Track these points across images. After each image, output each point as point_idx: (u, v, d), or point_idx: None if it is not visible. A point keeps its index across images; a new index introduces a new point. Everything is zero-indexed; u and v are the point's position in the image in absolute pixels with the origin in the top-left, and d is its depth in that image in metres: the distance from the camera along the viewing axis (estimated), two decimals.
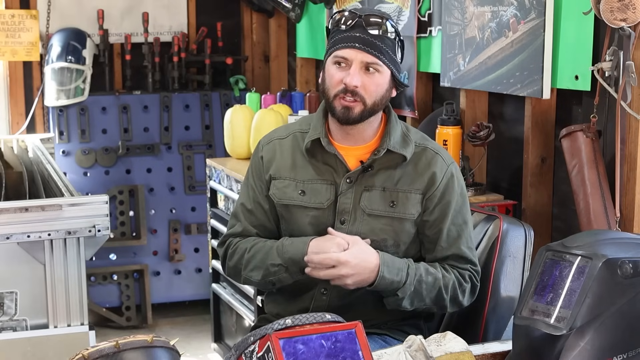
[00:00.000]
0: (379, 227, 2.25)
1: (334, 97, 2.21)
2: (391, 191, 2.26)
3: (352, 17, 2.20)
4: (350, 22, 2.20)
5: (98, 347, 1.48)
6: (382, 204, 2.25)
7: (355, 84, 2.17)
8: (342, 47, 2.19)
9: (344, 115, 2.21)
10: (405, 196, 2.26)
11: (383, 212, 2.25)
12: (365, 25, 2.19)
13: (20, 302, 3.02)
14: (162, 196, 5.03)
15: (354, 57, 2.18)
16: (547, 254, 1.69)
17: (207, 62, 5.05)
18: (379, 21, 2.20)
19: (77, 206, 3.02)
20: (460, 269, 2.29)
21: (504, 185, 3.20)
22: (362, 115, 2.21)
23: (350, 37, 2.19)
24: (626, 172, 2.54)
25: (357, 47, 2.18)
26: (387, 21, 2.21)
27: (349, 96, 2.19)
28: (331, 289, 2.27)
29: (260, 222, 2.35)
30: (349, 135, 2.28)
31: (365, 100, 2.20)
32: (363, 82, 2.19)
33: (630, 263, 1.62)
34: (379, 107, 2.23)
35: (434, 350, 1.66)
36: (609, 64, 2.49)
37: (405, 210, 2.26)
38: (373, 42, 2.18)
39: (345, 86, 2.18)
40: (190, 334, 4.78)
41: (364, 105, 2.20)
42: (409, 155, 2.26)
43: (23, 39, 4.84)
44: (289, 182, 2.31)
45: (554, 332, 1.60)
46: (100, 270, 4.91)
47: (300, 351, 1.52)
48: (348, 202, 2.26)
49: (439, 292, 2.24)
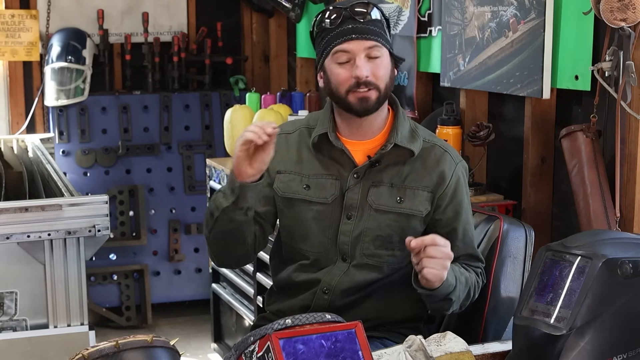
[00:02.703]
0: (386, 222, 2.25)
1: (346, 93, 2.22)
2: (399, 187, 2.26)
3: (337, 13, 2.22)
4: (338, 18, 2.22)
5: (98, 347, 1.48)
6: (389, 199, 2.25)
7: (366, 74, 2.18)
8: (338, 42, 2.20)
9: (363, 107, 2.21)
10: (413, 192, 2.26)
11: (390, 207, 2.25)
12: (353, 15, 2.21)
13: (20, 302, 3.02)
14: (162, 196, 5.03)
15: (356, 48, 2.19)
16: (547, 254, 1.69)
17: (207, 62, 5.05)
18: (364, 10, 2.22)
19: (77, 206, 3.02)
20: (474, 267, 2.30)
21: (504, 185, 3.20)
22: (379, 101, 2.22)
23: (344, 30, 2.21)
24: (626, 172, 2.54)
25: (354, 37, 2.19)
26: (372, 7, 2.24)
27: (363, 87, 2.19)
28: (333, 288, 2.27)
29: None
30: (359, 128, 2.27)
31: (378, 86, 2.21)
32: (372, 70, 2.20)
33: (630, 263, 1.62)
34: (390, 88, 2.25)
35: (434, 350, 1.66)
36: (609, 64, 2.49)
37: (413, 207, 2.25)
38: (366, 27, 2.21)
39: (356, 79, 2.19)
40: (190, 334, 4.78)
41: (379, 91, 2.21)
42: (417, 151, 2.26)
43: (23, 39, 4.84)
44: (293, 176, 2.30)
45: (554, 332, 1.60)
46: (100, 270, 4.91)
47: (300, 351, 1.52)
48: (355, 198, 2.26)
49: (468, 292, 2.23)
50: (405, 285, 2.29)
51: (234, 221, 2.19)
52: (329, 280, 2.26)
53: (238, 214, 2.17)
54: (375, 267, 2.27)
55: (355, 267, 2.27)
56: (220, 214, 2.18)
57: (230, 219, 2.18)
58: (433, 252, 2.02)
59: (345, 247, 2.27)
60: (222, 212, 2.17)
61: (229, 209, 2.16)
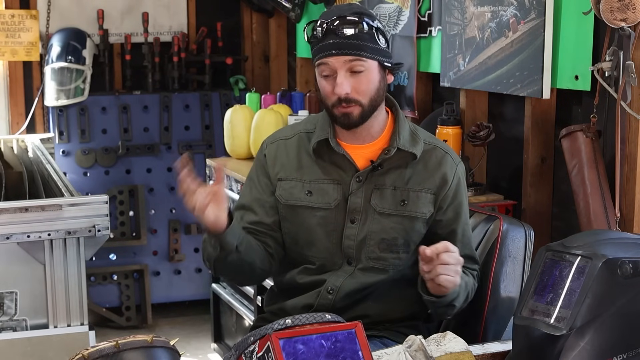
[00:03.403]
0: (390, 225, 2.25)
1: (332, 107, 2.22)
2: (402, 190, 2.25)
3: (321, 26, 2.20)
4: (322, 31, 2.20)
5: (98, 347, 1.48)
6: (392, 202, 2.25)
7: (345, 91, 2.18)
8: (320, 57, 2.20)
9: (345, 122, 2.22)
10: (416, 195, 2.26)
11: (394, 210, 2.25)
12: (335, 30, 2.18)
13: (20, 302, 3.02)
14: (162, 196, 5.03)
15: (335, 63, 2.18)
16: (547, 254, 1.69)
17: (207, 62, 5.05)
18: (348, 24, 2.19)
19: (77, 206, 3.02)
20: (472, 269, 2.30)
21: (504, 185, 3.20)
22: (363, 116, 2.21)
23: (326, 45, 2.19)
24: (626, 172, 2.54)
25: (334, 53, 2.18)
26: (360, 17, 2.20)
27: (344, 104, 2.19)
28: (338, 289, 2.26)
29: (259, 218, 2.31)
30: (357, 133, 2.27)
31: (360, 102, 2.19)
32: (353, 86, 2.18)
33: (630, 263, 1.62)
34: (377, 101, 2.23)
35: (433, 350, 1.66)
36: (609, 64, 2.49)
37: (416, 209, 2.25)
38: (347, 42, 2.17)
39: (337, 96, 2.19)
40: (190, 334, 4.78)
41: (362, 106, 2.20)
42: (418, 153, 2.26)
43: (23, 39, 4.84)
44: (295, 182, 2.29)
45: (554, 332, 1.59)
46: (100, 270, 4.91)
47: (300, 351, 1.52)
48: (358, 202, 2.25)
49: (467, 296, 2.23)
50: (405, 285, 2.30)
51: (231, 262, 2.20)
52: (334, 281, 2.26)
53: (230, 256, 2.18)
54: (381, 269, 2.27)
55: (360, 270, 2.27)
56: (214, 262, 2.21)
57: (226, 262, 2.19)
58: (447, 259, 2.02)
59: (351, 251, 2.26)
60: (215, 261, 2.20)
61: (219, 257, 2.17)
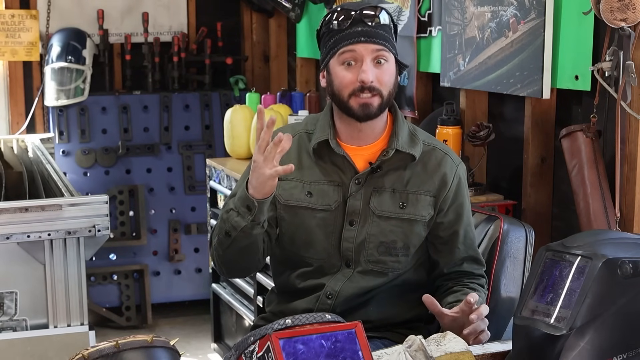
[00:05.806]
0: (389, 228, 2.23)
1: (348, 97, 2.20)
2: (401, 192, 2.24)
3: (346, 14, 2.20)
4: (347, 20, 2.20)
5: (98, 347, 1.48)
6: (392, 205, 2.24)
7: (371, 79, 2.17)
8: (346, 44, 2.18)
9: (364, 112, 2.19)
10: (415, 197, 2.24)
11: (393, 213, 2.23)
12: (363, 18, 2.19)
13: (20, 302, 3.02)
14: (162, 196, 5.03)
15: (363, 51, 2.17)
16: (547, 254, 1.69)
17: (207, 62, 5.05)
18: (373, 13, 2.21)
19: (77, 206, 3.02)
20: (478, 276, 2.29)
21: (504, 185, 3.20)
22: (381, 108, 2.21)
23: (353, 32, 2.19)
24: (626, 172, 2.54)
25: (362, 40, 2.17)
26: (381, 10, 2.22)
27: (366, 92, 2.18)
28: (337, 294, 2.25)
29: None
30: (360, 133, 2.26)
31: (382, 93, 2.19)
32: (377, 75, 2.18)
33: (630, 263, 1.62)
34: (392, 95, 2.24)
35: (434, 350, 1.66)
36: (609, 64, 2.49)
37: (416, 212, 2.24)
38: (376, 32, 2.19)
39: (361, 84, 2.17)
40: (190, 334, 4.78)
41: (382, 98, 2.19)
42: (417, 155, 2.25)
43: (23, 39, 4.84)
44: (295, 183, 2.28)
45: (554, 332, 1.59)
46: (100, 270, 4.91)
47: (300, 351, 1.52)
48: (357, 204, 2.24)
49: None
50: (407, 289, 2.29)
51: (251, 236, 2.16)
52: (332, 285, 2.25)
53: (256, 229, 2.15)
54: (380, 273, 2.26)
55: (359, 273, 2.25)
56: (239, 233, 2.15)
57: (247, 235, 2.16)
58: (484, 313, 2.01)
59: (349, 254, 2.25)
60: (241, 230, 2.15)
61: (247, 227, 2.13)
